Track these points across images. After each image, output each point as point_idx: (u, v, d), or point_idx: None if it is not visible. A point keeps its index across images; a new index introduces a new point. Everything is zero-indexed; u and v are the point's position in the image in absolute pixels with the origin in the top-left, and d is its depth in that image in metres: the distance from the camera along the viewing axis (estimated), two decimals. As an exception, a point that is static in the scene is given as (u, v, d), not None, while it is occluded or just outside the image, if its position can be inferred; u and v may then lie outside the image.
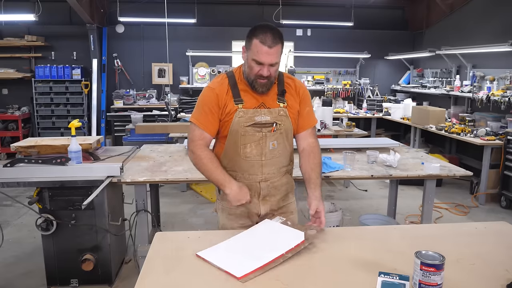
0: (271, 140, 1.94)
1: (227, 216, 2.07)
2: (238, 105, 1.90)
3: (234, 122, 1.90)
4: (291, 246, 1.56)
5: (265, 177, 1.98)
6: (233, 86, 1.94)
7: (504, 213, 4.84)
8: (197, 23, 7.63)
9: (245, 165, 1.96)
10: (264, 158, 1.95)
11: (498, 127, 5.40)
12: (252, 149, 1.93)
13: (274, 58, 1.82)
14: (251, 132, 1.91)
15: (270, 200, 2.04)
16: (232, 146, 1.94)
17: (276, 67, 1.87)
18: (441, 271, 1.31)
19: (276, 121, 1.93)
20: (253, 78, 1.86)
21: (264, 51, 1.79)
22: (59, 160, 2.73)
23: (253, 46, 1.81)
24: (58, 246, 2.89)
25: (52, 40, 7.77)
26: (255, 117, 1.91)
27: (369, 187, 5.73)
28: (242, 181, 1.97)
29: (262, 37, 1.78)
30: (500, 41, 5.30)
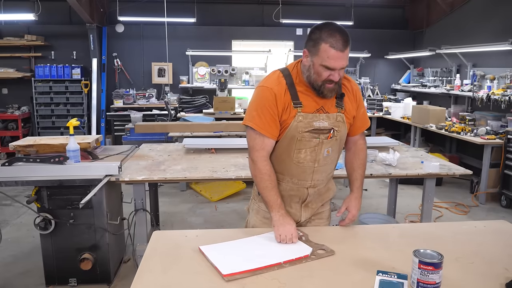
0: (327, 146, 1.82)
1: (262, 219, 1.96)
2: (297, 108, 1.76)
3: (292, 126, 1.76)
4: (291, 258, 1.53)
5: (314, 183, 1.89)
6: (291, 86, 1.78)
7: (504, 212, 4.82)
8: (196, 22, 7.62)
9: (295, 170, 1.85)
10: (317, 165, 1.84)
11: (499, 126, 5.39)
12: (307, 155, 1.81)
13: (346, 61, 1.68)
14: (308, 138, 1.78)
15: (312, 207, 1.96)
16: (285, 149, 1.82)
17: (344, 70, 1.74)
18: (439, 270, 1.30)
19: (334, 127, 1.81)
20: (321, 84, 1.72)
21: (336, 57, 1.64)
22: (57, 159, 2.72)
23: (322, 52, 1.65)
24: (56, 245, 2.88)
25: (52, 39, 7.76)
26: (314, 122, 1.77)
27: (369, 187, 5.72)
28: (289, 185, 1.88)
29: (332, 41, 1.63)
30: (500, 40, 5.29)
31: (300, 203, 1.93)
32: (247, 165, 1.89)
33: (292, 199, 1.92)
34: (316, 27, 1.69)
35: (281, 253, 1.57)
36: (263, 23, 8.20)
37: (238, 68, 8.22)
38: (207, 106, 7.45)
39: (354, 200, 1.95)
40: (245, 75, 8.18)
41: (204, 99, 7.54)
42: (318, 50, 1.66)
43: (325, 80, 1.70)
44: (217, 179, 2.88)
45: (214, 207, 4.88)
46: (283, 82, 1.78)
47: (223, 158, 3.32)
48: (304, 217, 1.96)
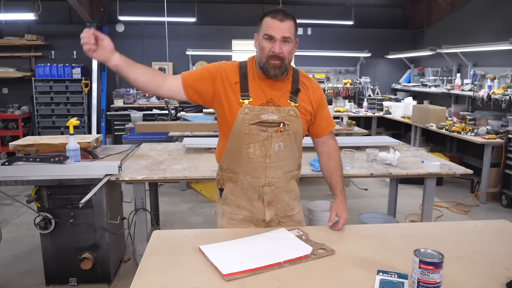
0: (277, 141, 1.80)
1: (228, 221, 1.94)
2: (244, 100, 1.78)
3: (239, 119, 1.77)
4: (291, 257, 1.52)
5: (269, 181, 1.85)
6: (243, 77, 1.82)
7: (505, 211, 4.82)
8: (197, 22, 7.62)
9: (247, 167, 1.83)
10: (268, 161, 1.82)
11: (499, 125, 5.39)
12: (256, 149, 1.80)
13: (287, 32, 1.71)
14: (256, 131, 1.78)
15: (276, 206, 1.91)
16: (235, 145, 1.82)
17: (289, 47, 1.74)
18: (440, 269, 1.30)
19: (284, 121, 1.79)
20: (265, 60, 1.74)
21: (276, 24, 1.70)
22: (57, 158, 2.72)
23: (264, 23, 1.74)
24: (56, 244, 2.88)
25: (52, 39, 7.76)
26: (261, 115, 1.77)
27: (369, 186, 5.72)
28: (244, 183, 1.86)
29: (272, 14, 1.72)
30: (501, 39, 5.29)
31: (261, 201, 1.90)
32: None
33: (252, 197, 1.89)
34: None
35: (281, 252, 1.56)
36: (264, 22, 8.18)
37: (238, 68, 8.20)
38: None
39: (341, 204, 1.91)
40: (246, 74, 8.16)
41: (205, 99, 7.51)
42: (261, 24, 1.76)
43: (269, 55, 1.73)
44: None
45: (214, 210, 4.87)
46: (236, 70, 1.84)
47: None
48: (269, 215, 1.91)
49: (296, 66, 8.59)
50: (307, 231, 1.78)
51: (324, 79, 8.46)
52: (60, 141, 3.10)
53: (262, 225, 1.93)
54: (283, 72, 1.79)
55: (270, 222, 1.93)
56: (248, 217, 1.92)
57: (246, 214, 1.92)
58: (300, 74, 1.92)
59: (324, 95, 2.00)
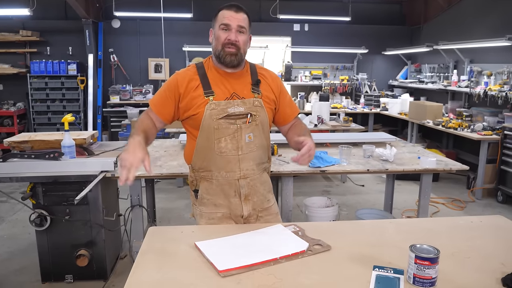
0: (246, 132, 1.83)
1: (207, 221, 1.93)
2: (209, 97, 1.81)
3: (206, 115, 1.79)
4: (287, 253, 1.52)
5: (243, 173, 1.87)
6: (203, 76, 1.85)
7: (500, 207, 4.84)
8: (193, 17, 7.59)
9: (220, 162, 1.84)
10: (241, 152, 1.84)
11: (495, 122, 5.40)
12: (228, 143, 1.82)
13: (241, 22, 1.80)
14: (225, 125, 1.81)
15: (253, 200, 1.93)
16: (205, 141, 1.83)
17: (244, 38, 1.82)
18: (435, 265, 1.30)
19: (251, 112, 1.84)
20: (221, 47, 1.80)
21: (231, 14, 1.78)
22: (52, 155, 2.71)
23: (219, 15, 1.81)
24: (52, 241, 2.87)
25: (47, 35, 7.70)
26: (228, 108, 1.80)
27: (366, 182, 5.72)
28: (219, 180, 1.87)
29: (228, 6, 1.81)
30: (498, 36, 5.29)
31: (238, 196, 1.90)
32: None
33: (229, 193, 1.90)
34: None
35: (277, 248, 1.56)
36: (261, 18, 8.16)
37: (235, 64, 8.18)
38: (204, 102, 7.42)
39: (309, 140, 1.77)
40: (242, 71, 8.14)
41: (201, 95, 7.50)
42: (216, 17, 1.83)
43: (224, 42, 1.79)
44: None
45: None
46: (193, 70, 1.88)
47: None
48: (247, 210, 1.92)
49: (293, 62, 8.57)
50: (303, 227, 1.77)
51: (321, 75, 8.45)
52: (55, 138, 3.08)
53: (241, 221, 1.94)
54: (239, 62, 1.85)
55: (249, 218, 1.95)
56: (227, 214, 1.93)
57: (224, 211, 1.92)
58: (257, 66, 1.99)
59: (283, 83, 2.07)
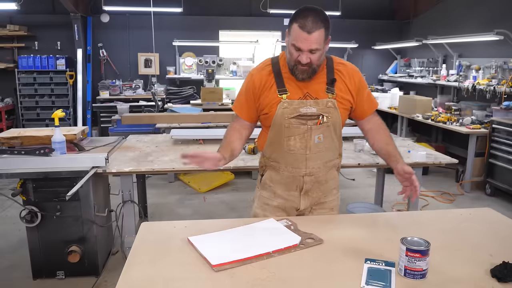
0: (316, 133, 1.81)
1: (262, 205, 1.98)
2: (282, 95, 1.79)
3: (278, 113, 1.79)
4: (280, 247, 1.53)
5: (309, 171, 1.87)
6: (277, 74, 1.82)
7: (489, 200, 4.91)
8: (183, 12, 7.53)
9: (288, 158, 1.86)
10: (308, 152, 1.84)
11: (483, 115, 5.47)
12: (296, 142, 1.82)
13: (314, 44, 1.67)
14: (296, 124, 1.79)
15: (312, 195, 1.94)
16: (276, 137, 1.85)
17: (317, 54, 1.71)
18: (426, 257, 1.32)
19: (323, 114, 1.80)
20: (293, 64, 1.74)
21: (303, 37, 1.66)
22: (43, 151, 2.68)
23: (292, 31, 1.69)
24: (43, 238, 2.85)
25: (35, 29, 7.60)
26: (300, 108, 1.78)
27: (356, 176, 5.76)
28: (285, 173, 1.89)
29: (302, 22, 1.66)
30: (486, 30, 5.34)
31: (299, 191, 1.92)
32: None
33: (290, 187, 1.92)
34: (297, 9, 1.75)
35: (270, 242, 1.57)
36: (251, 13, 8.14)
37: (225, 59, 8.16)
38: (194, 97, 7.41)
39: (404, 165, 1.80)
40: (233, 65, 8.12)
41: (192, 90, 7.48)
42: (291, 29, 1.72)
43: (296, 60, 1.72)
44: (206, 170, 2.87)
45: (202, 198, 4.88)
46: (268, 68, 1.85)
47: (211, 148, 3.27)
48: (304, 205, 1.95)
49: (283, 57, 8.48)
50: (296, 221, 1.79)
51: (312, 70, 8.45)
52: (45, 133, 3.05)
53: (295, 213, 1.97)
54: (311, 76, 1.78)
55: (304, 211, 1.98)
56: (282, 205, 1.96)
57: (280, 201, 1.95)
58: (334, 61, 1.89)
59: (363, 77, 1.95)
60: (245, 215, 2.00)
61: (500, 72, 5.58)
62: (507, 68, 5.44)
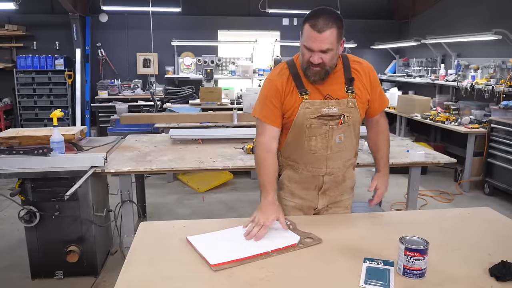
0: (338, 133, 1.83)
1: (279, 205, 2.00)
2: (303, 96, 1.79)
3: (300, 114, 1.79)
4: (279, 246, 1.54)
5: (329, 171, 1.89)
6: (295, 75, 1.82)
7: (487, 200, 4.91)
8: (182, 12, 7.53)
9: (309, 158, 1.87)
10: (329, 152, 1.85)
11: (482, 115, 5.47)
12: (318, 142, 1.83)
13: (325, 44, 1.65)
14: (317, 124, 1.80)
15: (330, 194, 1.97)
16: (296, 138, 1.85)
17: (330, 54, 1.69)
18: (425, 256, 1.33)
19: (344, 113, 1.81)
20: (306, 65, 1.74)
21: (314, 37, 1.65)
22: (41, 150, 2.68)
23: (304, 31, 1.69)
24: (42, 238, 2.84)
25: (34, 29, 7.59)
26: (322, 108, 1.78)
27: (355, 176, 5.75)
28: (304, 173, 1.91)
29: (313, 22, 1.64)
30: (485, 30, 5.35)
31: (317, 190, 1.94)
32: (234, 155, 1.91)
33: (309, 186, 1.93)
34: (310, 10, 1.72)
35: (268, 242, 1.57)
36: (249, 13, 8.14)
37: (224, 59, 8.16)
38: (193, 96, 7.40)
39: (381, 178, 2.00)
40: (232, 65, 8.12)
41: (190, 90, 7.48)
42: (303, 30, 1.71)
43: (308, 61, 1.72)
44: (204, 169, 2.87)
45: (201, 198, 4.88)
46: (286, 73, 1.83)
47: (210, 148, 3.31)
48: (321, 204, 1.97)
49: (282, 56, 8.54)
50: (295, 220, 1.79)
51: (310, 69, 8.46)
52: (43, 133, 3.05)
53: (312, 213, 1.98)
54: (324, 78, 1.77)
55: (320, 210, 2.00)
56: (299, 205, 1.96)
57: (298, 202, 1.96)
58: (350, 59, 1.89)
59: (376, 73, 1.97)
60: (244, 214, 1.99)
61: (499, 71, 5.58)
62: (506, 68, 5.44)
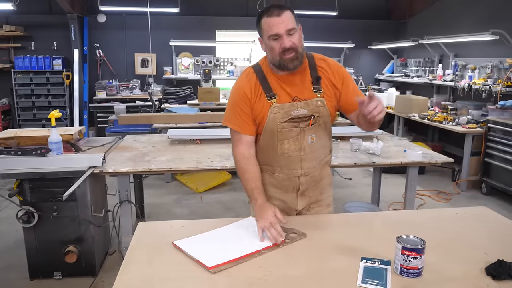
0: (309, 134, 1.82)
1: None
2: (271, 100, 1.78)
3: (270, 119, 1.78)
4: (268, 244, 1.56)
5: (305, 171, 1.88)
6: (262, 79, 1.81)
7: (484, 199, 4.93)
8: (180, 12, 7.53)
9: (283, 161, 1.86)
10: (303, 153, 1.84)
11: (479, 115, 5.49)
12: (290, 145, 1.82)
13: (289, 24, 1.68)
14: (288, 128, 1.79)
15: (309, 195, 1.96)
16: (269, 142, 1.84)
17: (297, 35, 1.72)
18: (421, 255, 1.33)
19: (314, 114, 1.80)
20: (279, 57, 1.71)
21: (275, 22, 1.67)
22: (39, 151, 2.68)
23: (264, 25, 1.71)
24: (40, 238, 2.85)
25: (32, 30, 7.58)
26: (291, 111, 1.77)
27: (353, 176, 5.78)
28: (280, 175, 1.90)
29: (268, 12, 1.69)
30: (482, 30, 5.36)
31: (295, 192, 1.94)
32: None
33: (287, 189, 1.93)
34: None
35: (257, 240, 1.59)
36: (247, 13, 8.14)
37: (222, 59, 8.16)
38: (191, 97, 7.41)
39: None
40: (230, 65, 8.13)
41: (189, 90, 7.48)
42: (261, 26, 1.73)
43: (280, 51, 1.70)
44: (202, 170, 2.88)
45: (199, 198, 4.88)
46: (253, 77, 1.82)
47: (208, 149, 3.31)
48: (301, 205, 1.97)
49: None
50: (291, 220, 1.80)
51: (308, 70, 8.48)
52: (42, 134, 3.05)
53: (294, 213, 1.98)
54: (301, 62, 1.76)
55: (302, 210, 1.99)
56: (280, 207, 1.91)
57: (278, 204, 1.91)
58: (315, 58, 1.88)
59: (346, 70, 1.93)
60: (242, 214, 1.99)
61: (496, 71, 5.60)
62: (503, 68, 5.46)
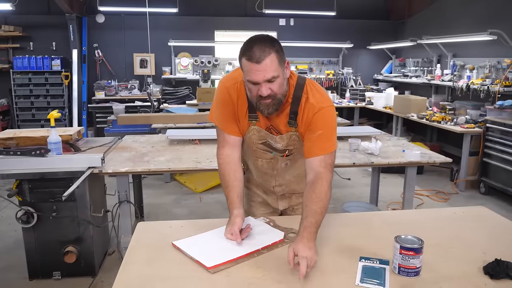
0: (283, 161, 1.84)
1: (248, 202, 2.05)
2: (252, 121, 1.74)
3: (247, 137, 1.79)
4: (267, 243, 1.57)
5: (279, 183, 1.92)
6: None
7: (483, 199, 4.94)
8: (179, 12, 7.52)
9: (258, 172, 1.92)
10: (276, 172, 1.88)
11: (478, 115, 5.50)
12: (264, 163, 1.85)
13: (268, 73, 1.50)
14: (263, 150, 1.80)
15: (290, 197, 2.00)
16: (247, 152, 1.89)
17: (277, 83, 1.54)
18: (420, 255, 1.34)
19: (288, 148, 1.77)
20: (255, 100, 1.59)
21: (254, 69, 1.50)
22: (39, 151, 2.68)
23: (243, 67, 1.55)
24: (39, 238, 2.85)
25: (30, 30, 7.57)
26: (268, 138, 1.76)
27: (352, 176, 5.78)
28: (258, 180, 1.96)
29: (248, 54, 1.50)
30: (480, 30, 5.38)
31: (275, 194, 1.99)
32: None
33: (265, 191, 1.99)
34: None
35: (256, 240, 1.60)
36: (246, 13, 8.15)
37: (221, 59, 8.17)
38: (190, 97, 7.41)
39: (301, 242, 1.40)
40: (229, 65, 8.13)
41: (187, 90, 7.48)
42: (241, 65, 1.57)
43: (257, 96, 1.56)
44: (201, 170, 2.88)
45: (198, 198, 4.88)
46: (242, 89, 1.70)
47: (207, 149, 3.31)
48: (282, 206, 2.01)
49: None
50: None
51: (307, 70, 8.49)
52: (41, 134, 3.05)
53: (278, 212, 2.02)
54: (277, 108, 1.62)
55: (285, 210, 2.03)
56: (265, 200, 2.02)
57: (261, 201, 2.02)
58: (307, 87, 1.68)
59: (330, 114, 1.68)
60: (241, 214, 2.00)
61: (494, 71, 5.62)
62: (501, 68, 5.48)
